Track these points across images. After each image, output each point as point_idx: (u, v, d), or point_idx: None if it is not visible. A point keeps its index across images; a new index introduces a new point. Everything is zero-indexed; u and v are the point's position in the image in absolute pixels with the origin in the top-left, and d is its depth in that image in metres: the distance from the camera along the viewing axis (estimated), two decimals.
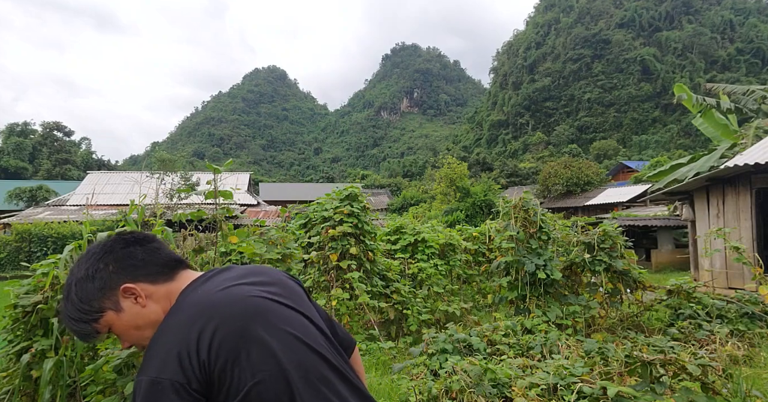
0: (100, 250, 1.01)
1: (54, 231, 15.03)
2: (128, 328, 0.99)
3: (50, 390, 2.25)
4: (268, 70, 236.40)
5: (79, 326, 0.98)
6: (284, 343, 0.88)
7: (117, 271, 0.99)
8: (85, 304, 0.97)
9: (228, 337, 0.86)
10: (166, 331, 0.90)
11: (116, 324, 0.98)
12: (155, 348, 0.88)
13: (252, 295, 0.94)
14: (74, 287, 0.98)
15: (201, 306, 0.92)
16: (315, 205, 5.45)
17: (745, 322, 4.81)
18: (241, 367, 0.84)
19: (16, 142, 47.13)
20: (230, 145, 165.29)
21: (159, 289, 1.01)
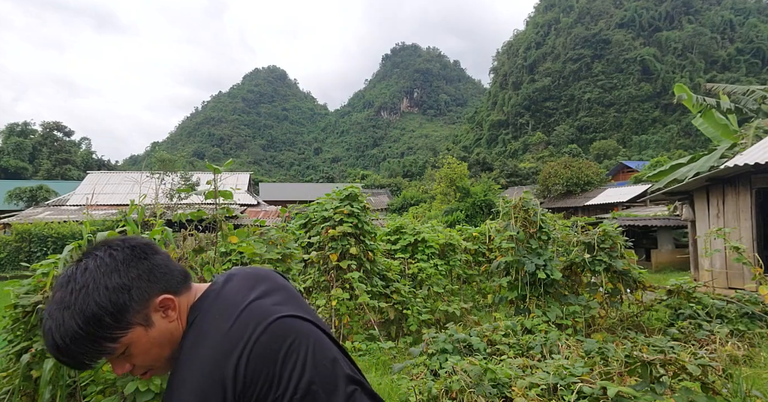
0: (129, 257, 0.89)
1: (54, 231, 15.03)
2: (152, 346, 0.89)
3: (50, 390, 2.25)
4: (268, 70, 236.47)
5: (90, 347, 0.83)
6: (311, 362, 0.90)
7: (152, 280, 0.90)
8: (114, 320, 0.83)
9: (263, 363, 0.86)
10: (201, 358, 0.85)
11: (140, 342, 0.87)
12: (191, 377, 0.83)
13: (274, 315, 0.94)
14: (99, 300, 0.83)
15: (227, 337, 0.88)
16: (315, 205, 5.45)
17: (745, 322, 4.81)
18: (274, 390, 0.85)
19: (16, 142, 47.15)
20: (230, 145, 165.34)
21: (181, 302, 0.95)
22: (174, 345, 0.91)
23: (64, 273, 0.87)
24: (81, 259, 0.88)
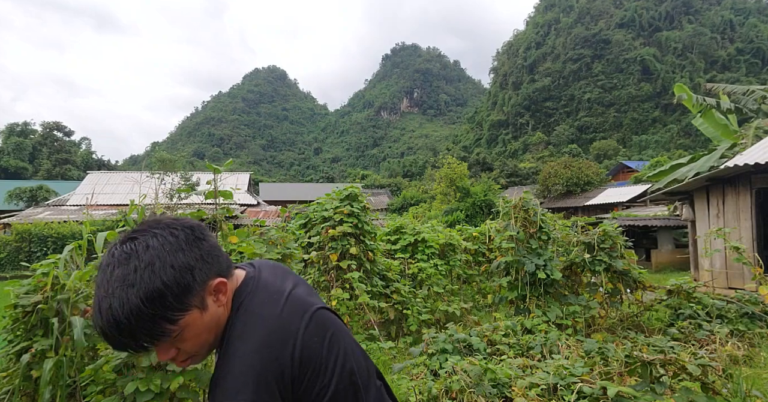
0: (190, 237, 0.86)
1: (54, 231, 15.03)
2: (203, 330, 0.86)
3: (50, 390, 2.25)
4: (268, 70, 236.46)
5: (151, 328, 0.79)
6: (351, 354, 0.95)
7: (209, 262, 0.87)
8: (176, 301, 0.81)
9: (311, 352, 0.88)
10: (259, 337, 0.85)
11: (194, 325, 0.85)
12: (250, 355, 0.83)
13: (314, 306, 0.96)
14: (165, 278, 0.79)
15: (280, 321, 0.89)
16: (315, 205, 5.45)
17: (745, 322, 4.81)
18: (321, 379, 0.88)
19: (16, 142, 47.14)
20: (230, 145, 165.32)
21: (230, 287, 0.93)
22: (218, 330, 0.90)
23: (117, 251, 0.82)
24: (135, 237, 0.83)
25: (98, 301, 0.78)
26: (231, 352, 0.85)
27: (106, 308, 0.77)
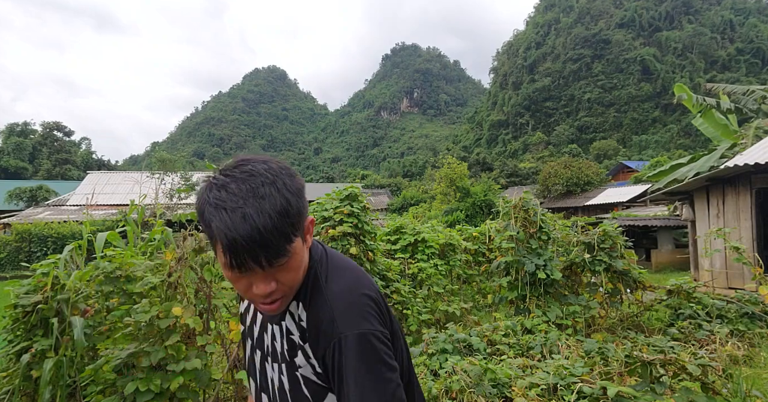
0: (290, 170, 0.85)
1: (54, 231, 15.03)
2: (300, 265, 0.86)
3: (50, 390, 2.25)
4: (268, 70, 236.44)
5: (276, 242, 0.77)
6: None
7: (305, 198, 0.88)
8: (296, 220, 0.80)
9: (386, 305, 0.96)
10: (361, 287, 0.89)
11: (297, 256, 0.83)
12: (360, 303, 0.86)
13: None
14: (288, 196, 0.79)
15: (363, 272, 0.97)
16: (315, 205, 5.44)
17: (745, 322, 4.81)
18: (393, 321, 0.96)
19: (16, 142, 47.15)
20: (230, 145, 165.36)
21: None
22: (303, 274, 0.89)
23: (235, 171, 0.80)
24: (247, 162, 0.82)
25: (227, 213, 0.75)
26: (337, 290, 0.87)
27: (240, 217, 0.74)
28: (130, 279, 2.69)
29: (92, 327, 2.54)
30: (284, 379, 0.91)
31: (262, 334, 0.97)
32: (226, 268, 0.78)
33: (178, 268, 2.40)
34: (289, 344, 0.91)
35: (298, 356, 0.89)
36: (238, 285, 0.82)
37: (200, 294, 2.53)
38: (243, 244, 0.74)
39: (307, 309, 0.89)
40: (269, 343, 0.95)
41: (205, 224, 0.78)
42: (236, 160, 0.83)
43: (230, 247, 0.74)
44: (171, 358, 2.23)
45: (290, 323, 0.91)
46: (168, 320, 2.25)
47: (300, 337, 0.89)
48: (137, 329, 2.34)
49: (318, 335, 0.85)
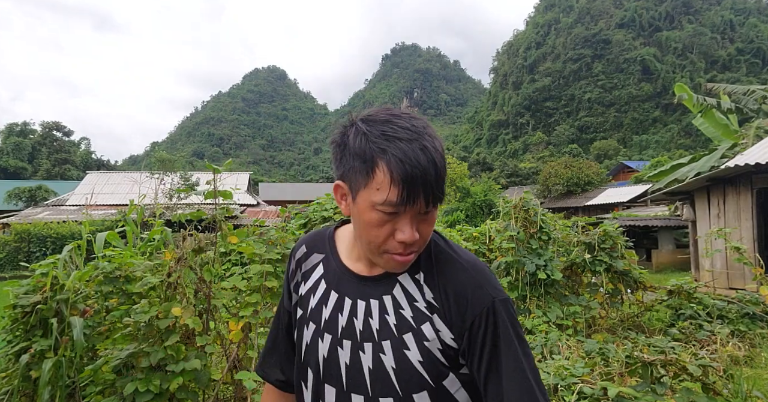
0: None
1: (53, 231, 15.02)
2: (434, 221, 0.84)
3: (49, 390, 2.24)
4: (267, 70, 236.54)
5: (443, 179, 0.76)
6: None
7: None
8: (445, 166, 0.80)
9: None
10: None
11: (435, 210, 0.81)
12: (491, 272, 0.84)
13: None
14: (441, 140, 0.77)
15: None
16: (315, 205, 5.44)
17: (746, 323, 4.81)
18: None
19: (16, 142, 47.16)
20: (230, 145, 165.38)
21: None
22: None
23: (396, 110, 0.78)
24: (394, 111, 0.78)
25: (404, 143, 0.71)
26: (469, 258, 0.84)
27: (419, 149, 0.71)
28: (129, 279, 2.68)
29: (91, 327, 2.53)
30: (386, 360, 0.78)
31: (336, 315, 0.84)
32: (386, 205, 0.72)
33: (178, 269, 2.39)
34: (413, 313, 0.80)
35: (425, 328, 0.79)
36: (380, 231, 0.75)
37: (200, 294, 2.53)
38: (420, 176, 0.70)
39: (438, 276, 0.82)
40: (349, 323, 0.83)
41: (368, 155, 0.72)
42: (381, 109, 0.79)
43: (406, 177, 0.70)
44: (170, 358, 2.22)
45: (408, 293, 0.82)
46: (167, 320, 2.24)
47: (427, 307, 0.80)
48: (136, 329, 2.34)
49: (464, 302, 0.78)
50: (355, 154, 0.74)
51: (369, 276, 0.85)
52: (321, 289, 0.88)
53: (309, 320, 0.87)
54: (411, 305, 0.81)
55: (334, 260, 0.89)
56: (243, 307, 2.54)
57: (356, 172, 0.74)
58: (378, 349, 0.79)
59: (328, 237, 0.95)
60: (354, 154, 0.74)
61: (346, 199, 0.80)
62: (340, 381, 0.81)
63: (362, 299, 0.83)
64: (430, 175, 0.71)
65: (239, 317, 2.51)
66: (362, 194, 0.74)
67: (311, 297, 0.89)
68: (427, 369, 0.77)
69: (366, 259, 0.85)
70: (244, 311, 2.50)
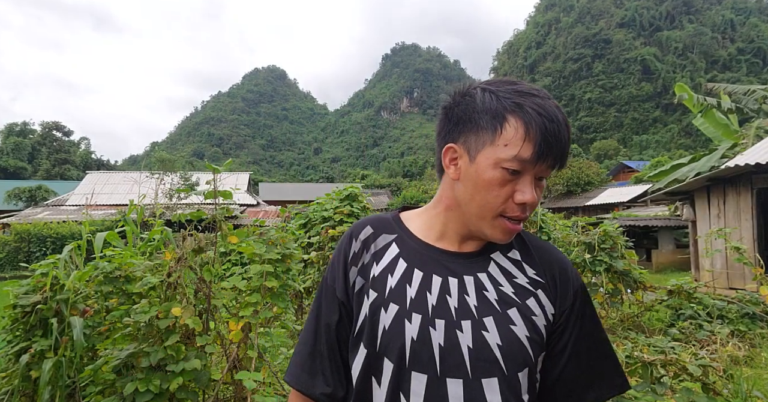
0: None
1: (53, 231, 15.02)
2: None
3: (49, 390, 2.25)
4: (267, 70, 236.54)
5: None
6: None
7: None
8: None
9: None
10: None
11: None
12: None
13: None
14: None
15: None
16: (315, 205, 5.44)
17: (746, 323, 4.81)
18: None
19: (15, 142, 47.18)
20: (230, 145, 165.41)
21: None
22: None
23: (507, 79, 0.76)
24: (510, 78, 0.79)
25: (540, 100, 0.71)
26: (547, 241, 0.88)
27: (554, 106, 0.72)
28: (129, 279, 2.68)
29: (91, 327, 2.54)
30: (490, 337, 0.72)
31: (424, 293, 0.76)
32: (514, 161, 0.70)
33: (178, 268, 2.39)
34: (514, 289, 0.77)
35: (530, 303, 0.76)
36: (500, 191, 0.72)
37: (200, 294, 2.53)
38: (556, 132, 0.70)
39: (537, 253, 0.83)
40: (441, 301, 0.75)
41: (498, 110, 0.71)
42: (498, 78, 0.79)
43: (543, 131, 0.69)
44: (170, 358, 2.22)
45: (506, 270, 0.79)
46: (167, 320, 2.24)
47: (530, 282, 0.79)
48: (136, 329, 2.34)
49: (566, 279, 0.80)
50: (483, 111, 0.72)
51: (459, 252, 0.81)
52: (400, 268, 0.80)
53: (388, 302, 0.77)
54: (511, 282, 0.78)
55: (411, 239, 0.84)
56: (243, 307, 2.54)
57: (481, 130, 0.72)
58: (479, 327, 0.73)
59: (393, 218, 0.89)
60: (481, 112, 0.72)
61: (456, 162, 0.77)
62: (432, 365, 0.72)
63: (454, 276, 0.78)
64: (563, 134, 0.71)
65: (239, 317, 2.51)
66: (485, 152, 0.72)
67: (388, 277, 0.79)
68: (532, 345, 0.74)
69: (454, 235, 0.82)
70: (244, 311, 2.50)
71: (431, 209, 0.86)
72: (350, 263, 0.84)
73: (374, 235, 0.86)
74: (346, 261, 0.85)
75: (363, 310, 0.79)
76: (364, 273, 0.82)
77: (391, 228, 0.87)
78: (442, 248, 0.81)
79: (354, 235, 0.87)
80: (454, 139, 0.77)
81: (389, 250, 0.83)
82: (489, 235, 0.77)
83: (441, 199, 0.83)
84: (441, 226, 0.83)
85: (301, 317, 5.12)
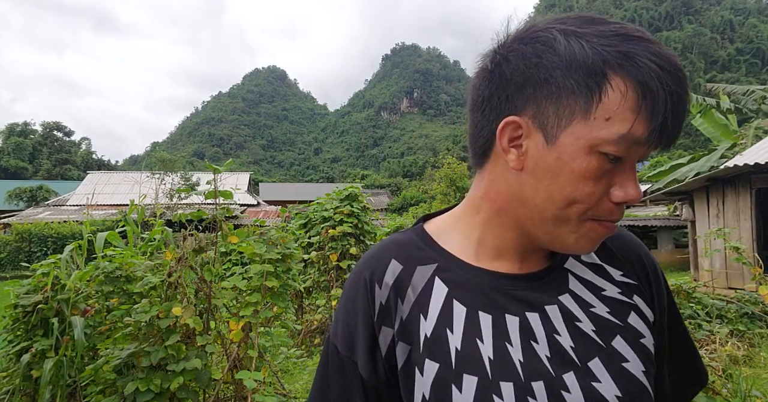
0: None
1: (54, 231, 15.03)
2: None
3: (50, 390, 2.25)
4: (268, 70, 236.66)
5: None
6: None
7: None
8: None
9: None
10: None
11: None
12: None
13: None
14: None
15: None
16: (315, 205, 5.45)
17: (745, 322, 4.82)
18: None
19: (16, 142, 47.21)
20: (230, 145, 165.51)
21: None
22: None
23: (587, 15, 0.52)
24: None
25: (653, 45, 0.49)
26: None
27: (670, 53, 0.50)
28: (130, 279, 2.69)
29: (92, 327, 2.54)
30: (605, 389, 0.51)
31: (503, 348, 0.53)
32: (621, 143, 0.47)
33: (178, 268, 2.40)
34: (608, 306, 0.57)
35: (633, 321, 0.57)
36: (596, 187, 0.49)
37: (200, 294, 2.54)
38: (680, 95, 0.47)
39: (616, 248, 0.63)
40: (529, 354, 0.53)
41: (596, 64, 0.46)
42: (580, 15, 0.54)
43: (667, 95, 0.46)
44: (171, 358, 2.23)
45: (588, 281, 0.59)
46: (168, 320, 2.25)
47: (622, 291, 0.59)
48: (137, 329, 2.34)
49: (653, 273, 0.63)
50: (569, 67, 0.47)
51: (527, 274, 0.58)
52: (459, 315, 0.55)
53: (460, 373, 0.52)
54: (600, 297, 0.57)
55: (457, 266, 0.58)
56: (243, 306, 2.54)
57: (566, 96, 0.48)
58: (587, 378, 0.52)
59: (420, 237, 0.62)
60: (567, 67, 0.47)
61: (520, 145, 0.52)
62: None
63: (532, 310, 0.55)
64: (684, 92, 0.48)
65: (240, 317, 2.52)
66: (574, 130, 0.48)
67: (448, 334, 0.54)
68: (649, 380, 0.54)
69: (512, 250, 0.58)
70: (244, 311, 2.51)
71: (469, 215, 0.61)
72: (378, 323, 0.56)
73: (407, 272, 0.58)
74: (371, 320, 0.57)
75: (418, 393, 0.52)
76: (407, 334, 0.55)
77: (424, 254, 0.60)
78: (504, 272, 0.58)
79: (376, 278, 0.58)
80: (518, 110, 0.51)
81: (435, 291, 0.56)
82: (570, 246, 0.53)
83: (485, 199, 0.58)
84: (493, 240, 0.58)
85: (301, 317, 5.13)
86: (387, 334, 0.56)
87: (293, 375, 3.87)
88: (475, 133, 0.57)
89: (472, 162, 0.61)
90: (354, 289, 0.59)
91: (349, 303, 0.59)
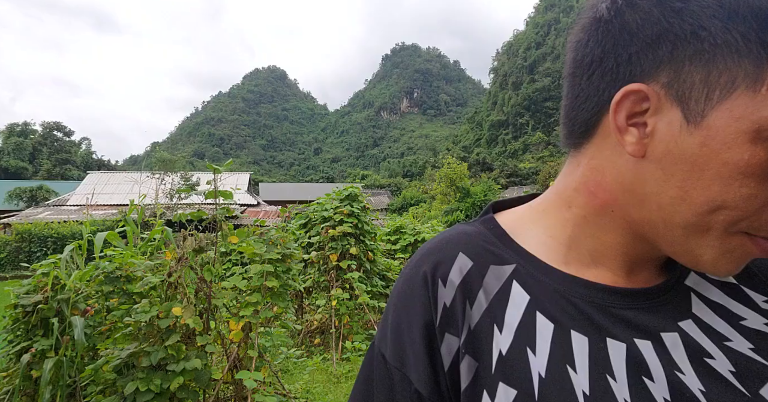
0: None
1: (54, 231, 15.04)
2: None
3: (50, 390, 2.25)
4: (268, 71, 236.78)
5: None
6: None
7: None
8: None
9: None
10: None
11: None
12: None
13: None
14: None
15: None
16: (315, 205, 5.45)
17: None
18: None
19: (16, 142, 47.26)
20: (230, 145, 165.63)
21: None
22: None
23: None
24: None
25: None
26: None
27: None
28: (130, 279, 2.69)
29: (92, 327, 2.54)
30: None
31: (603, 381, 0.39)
32: None
33: (178, 268, 2.40)
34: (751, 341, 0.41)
35: None
36: (759, 188, 0.35)
37: (200, 294, 2.54)
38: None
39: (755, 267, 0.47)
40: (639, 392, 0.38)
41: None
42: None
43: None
44: (171, 358, 2.23)
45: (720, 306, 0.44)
46: (168, 320, 2.25)
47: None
48: (137, 329, 2.35)
49: None
50: (736, 13, 0.34)
51: (634, 290, 0.44)
52: (545, 332, 0.42)
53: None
54: (739, 328, 0.42)
55: (543, 270, 0.45)
56: (243, 306, 2.55)
57: (721, 58, 0.34)
58: None
59: (493, 232, 0.49)
60: (730, 14, 0.34)
61: (644, 123, 0.38)
62: None
63: (643, 337, 0.41)
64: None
65: (240, 317, 2.52)
66: (734, 106, 0.34)
67: (529, 355, 0.41)
68: None
69: (616, 257, 0.45)
70: (244, 311, 2.51)
71: (557, 210, 0.48)
72: (441, 329, 0.44)
73: (478, 271, 0.45)
74: (431, 324, 0.44)
75: None
76: (476, 348, 0.42)
77: (499, 251, 0.47)
78: (605, 284, 0.44)
79: (439, 274, 0.45)
80: (645, 75, 0.37)
81: (513, 299, 0.44)
82: (704, 264, 0.40)
83: (582, 192, 0.45)
84: (590, 242, 0.45)
85: (301, 317, 5.13)
86: (452, 343, 0.43)
87: (293, 375, 3.88)
88: (576, 104, 0.43)
89: (566, 142, 0.47)
90: (409, 286, 0.46)
91: (402, 302, 0.46)
